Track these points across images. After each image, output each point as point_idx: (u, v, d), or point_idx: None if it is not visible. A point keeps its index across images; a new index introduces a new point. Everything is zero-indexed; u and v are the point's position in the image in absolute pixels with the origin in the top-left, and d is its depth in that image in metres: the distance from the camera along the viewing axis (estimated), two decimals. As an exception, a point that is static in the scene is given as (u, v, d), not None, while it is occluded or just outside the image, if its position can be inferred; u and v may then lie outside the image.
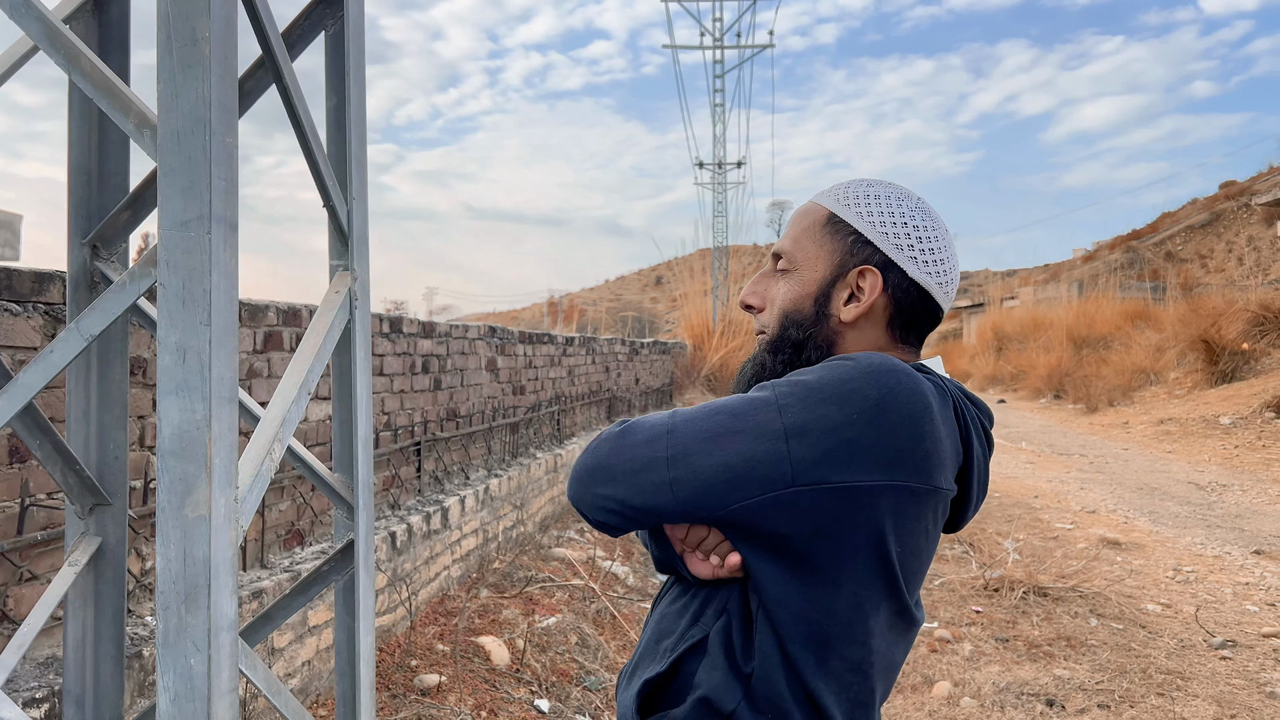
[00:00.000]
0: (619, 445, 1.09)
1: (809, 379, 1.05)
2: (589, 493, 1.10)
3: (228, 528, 1.26)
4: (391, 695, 3.56)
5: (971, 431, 1.14)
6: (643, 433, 1.08)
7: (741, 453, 1.02)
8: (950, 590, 5.86)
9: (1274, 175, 38.28)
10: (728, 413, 1.05)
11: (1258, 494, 9.37)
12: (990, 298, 38.34)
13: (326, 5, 1.66)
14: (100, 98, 1.27)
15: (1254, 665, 4.64)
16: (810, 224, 1.23)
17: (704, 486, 1.03)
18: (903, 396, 1.02)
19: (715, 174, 33.33)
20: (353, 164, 1.66)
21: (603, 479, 1.09)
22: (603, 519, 1.11)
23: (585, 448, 1.15)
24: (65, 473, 1.67)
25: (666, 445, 1.05)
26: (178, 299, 1.22)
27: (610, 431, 1.12)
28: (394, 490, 4.70)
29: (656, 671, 1.13)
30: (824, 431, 1.00)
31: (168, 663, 1.23)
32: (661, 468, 1.04)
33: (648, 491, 1.05)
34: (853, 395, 1.01)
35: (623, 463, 1.07)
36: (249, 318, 3.47)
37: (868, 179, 1.24)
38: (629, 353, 11.57)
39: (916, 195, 1.23)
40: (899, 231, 1.18)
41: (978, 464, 1.15)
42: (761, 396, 1.05)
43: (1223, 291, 20.77)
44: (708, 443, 1.03)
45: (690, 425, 1.06)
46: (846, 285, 1.19)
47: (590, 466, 1.11)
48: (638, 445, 1.07)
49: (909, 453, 1.02)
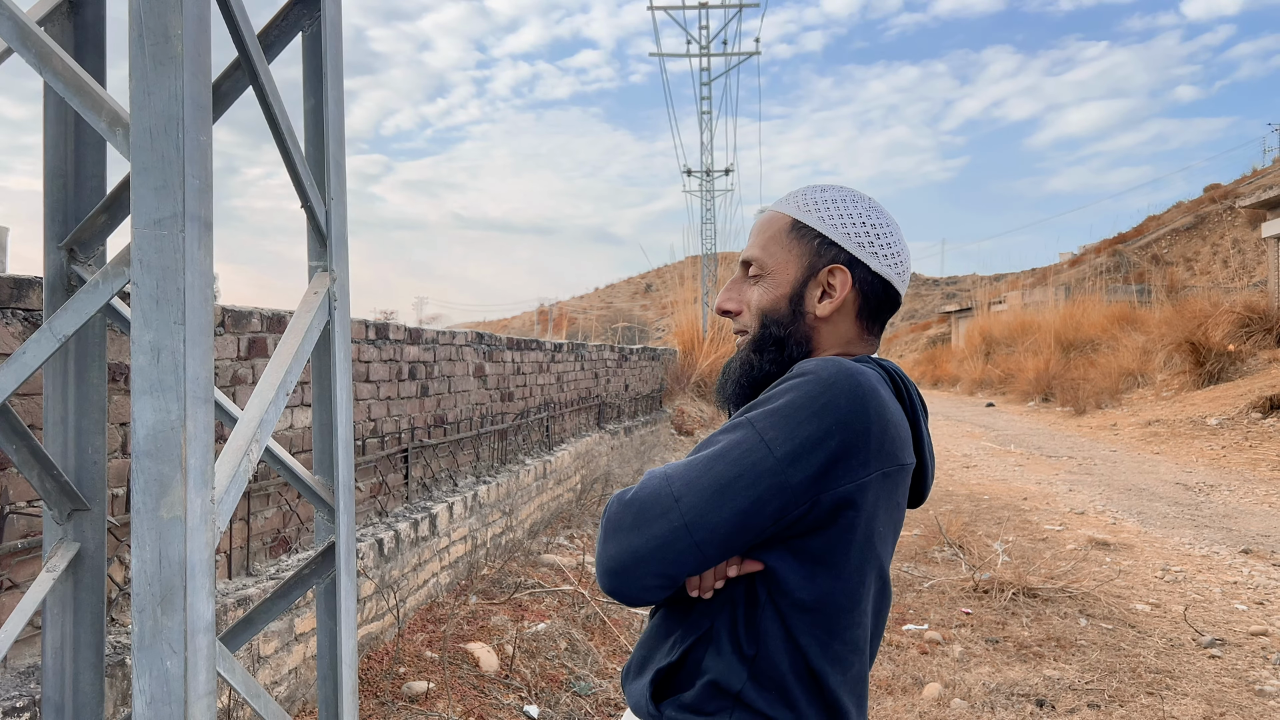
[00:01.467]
0: (637, 530, 1.15)
1: (781, 405, 1.14)
2: (635, 582, 1.17)
3: (204, 529, 1.25)
4: (380, 703, 3.54)
5: (917, 406, 1.28)
6: (653, 508, 1.15)
7: (749, 496, 1.11)
8: (940, 592, 5.86)
9: (1258, 178, 38.55)
10: (723, 462, 1.13)
11: (1245, 494, 9.41)
12: (978, 302, 38.47)
13: (304, 6, 1.66)
14: (72, 96, 1.26)
15: (1242, 664, 4.65)
16: (776, 231, 1.33)
17: (726, 538, 1.13)
18: (864, 397, 1.12)
19: (703, 181, 33.38)
20: (331, 165, 1.65)
21: (634, 565, 1.15)
22: (647, 598, 1.19)
23: (600, 535, 1.22)
24: (43, 478, 1.66)
25: (680, 514, 1.13)
26: (151, 298, 1.21)
27: (617, 516, 1.19)
28: (381, 497, 4.68)
29: (668, 662, 1.23)
30: (811, 450, 1.10)
31: (144, 666, 1.22)
32: (684, 535, 1.13)
33: (679, 561, 1.14)
34: (825, 409, 1.11)
35: (647, 544, 1.14)
36: (233, 324, 3.46)
37: (820, 185, 1.36)
38: (618, 359, 11.56)
39: (867, 196, 1.35)
40: (859, 231, 1.30)
41: (924, 437, 1.29)
42: (746, 437, 1.13)
43: (1208, 294, 20.91)
44: (715, 498, 1.12)
45: (693, 488, 1.14)
46: (819, 284, 1.29)
47: (619, 558, 1.17)
48: (653, 522, 1.14)
49: (881, 443, 1.13)
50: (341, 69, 1.69)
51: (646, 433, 11.71)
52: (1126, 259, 40.82)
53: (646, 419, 12.26)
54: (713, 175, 33.32)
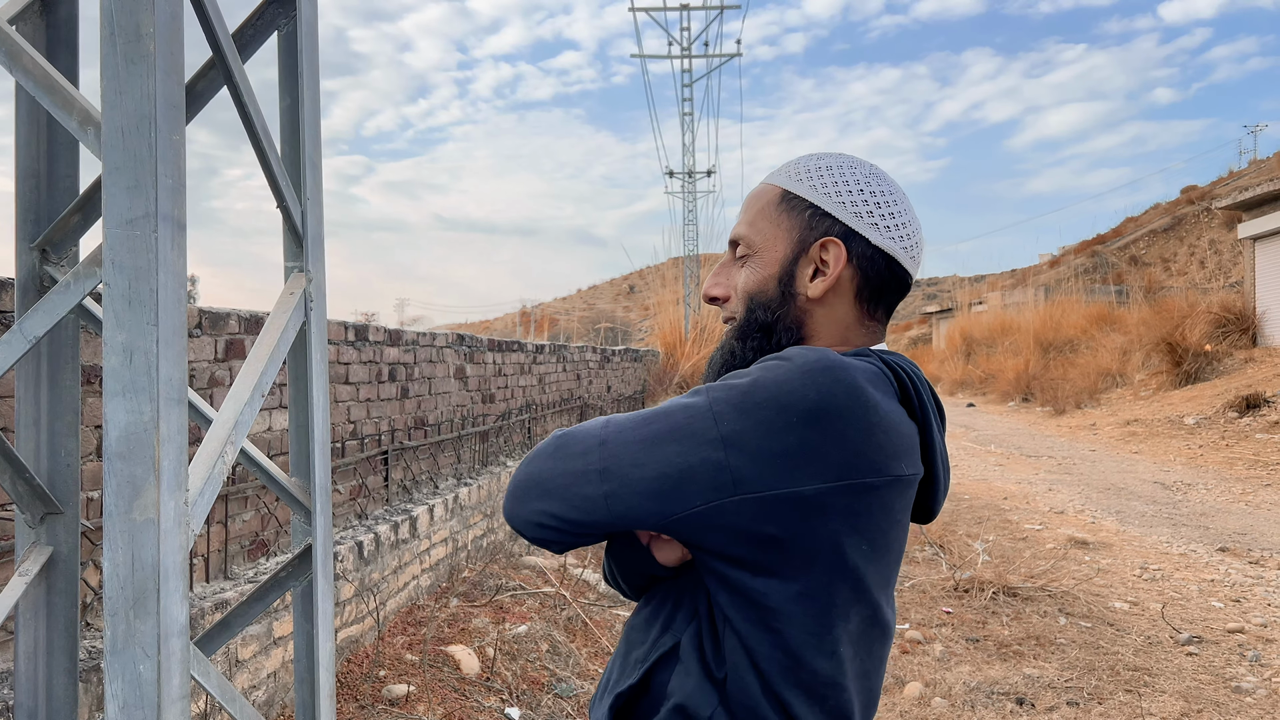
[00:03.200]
0: (552, 459, 1.04)
1: (743, 383, 0.99)
2: (523, 508, 1.05)
3: (177, 531, 1.24)
4: (360, 706, 3.52)
5: (929, 410, 1.10)
6: (576, 444, 1.03)
7: (677, 462, 0.97)
8: (921, 591, 5.88)
9: (1234, 179, 38.98)
10: (662, 420, 1.00)
11: (1222, 492, 9.51)
12: (959, 303, 38.69)
13: (279, 5, 1.65)
14: (42, 95, 1.25)
15: (1219, 660, 4.69)
16: (764, 205, 1.17)
17: (639, 499, 0.99)
18: (841, 395, 0.96)
19: (685, 183, 33.42)
20: (307, 165, 1.64)
21: (536, 494, 1.04)
22: (539, 535, 1.06)
23: (521, 460, 1.10)
24: (15, 481, 1.64)
25: (599, 457, 1.01)
26: (124, 299, 1.20)
27: (545, 444, 1.07)
28: (361, 500, 4.66)
29: (629, 684, 1.08)
30: (762, 438, 0.95)
31: (116, 670, 1.21)
32: (595, 480, 1.00)
33: (581, 506, 1.01)
34: (790, 398, 0.95)
35: (555, 477, 1.03)
36: (210, 325, 3.43)
37: (816, 153, 1.19)
38: (600, 360, 11.55)
39: (869, 162, 1.18)
40: (856, 199, 1.13)
41: (937, 444, 1.11)
42: (696, 402, 1.00)
43: (1186, 294, 21.10)
44: (641, 453, 0.99)
45: (623, 435, 1.01)
46: (810, 261, 1.13)
47: (523, 482, 1.06)
48: (571, 457, 1.03)
49: (860, 448, 0.97)
50: (317, 68, 1.68)
51: (629, 434, 11.69)
52: (1105, 260, 41.17)
53: (629, 420, 12.24)
54: (695, 177, 33.37)
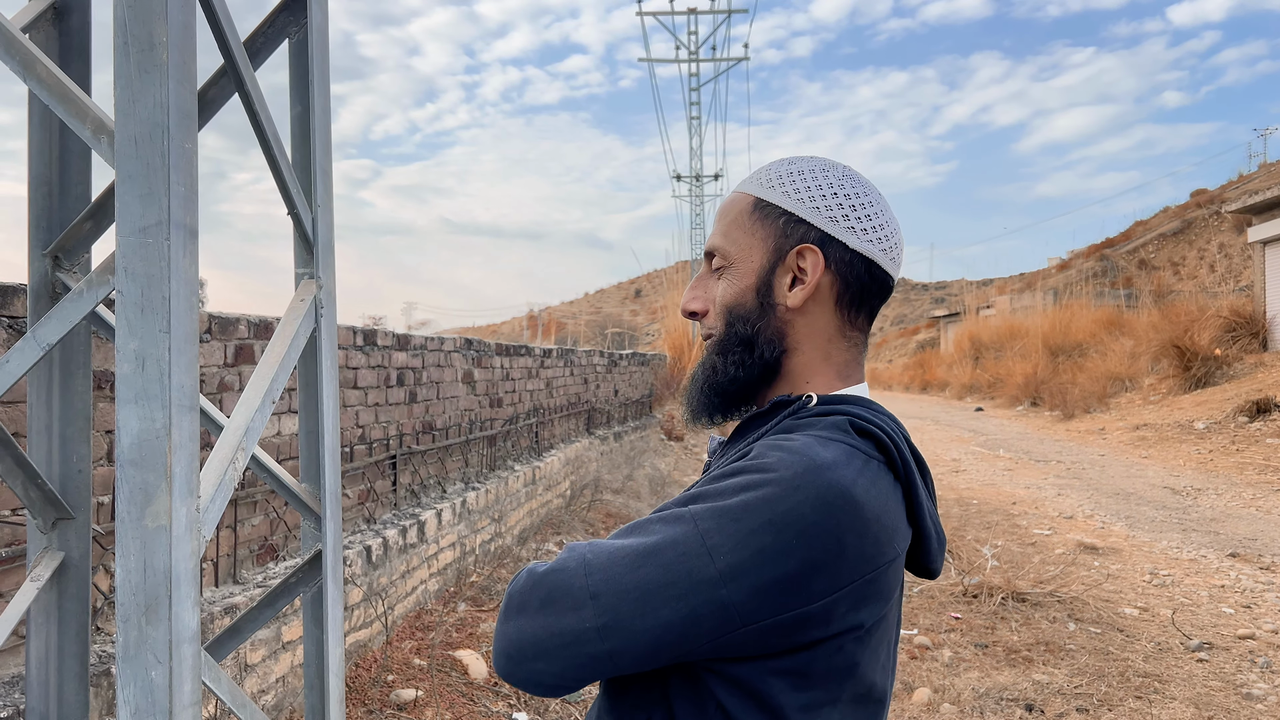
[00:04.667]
0: (542, 616, 0.99)
1: (733, 505, 0.95)
2: (523, 670, 1.01)
3: (189, 538, 1.24)
4: (367, 710, 3.53)
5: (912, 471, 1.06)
6: (565, 597, 0.98)
7: (679, 610, 0.93)
8: (929, 597, 5.87)
9: (1244, 183, 38.83)
10: (653, 564, 0.95)
11: (1232, 497, 9.46)
12: (966, 307, 38.61)
13: (290, 13, 1.65)
14: (56, 104, 1.26)
15: (1230, 667, 4.67)
16: (737, 214, 1.15)
17: (646, 650, 0.96)
18: (836, 503, 0.94)
19: (693, 187, 33.45)
20: (317, 171, 1.65)
21: (533, 656, 0.99)
22: (545, 693, 1.03)
23: (502, 609, 1.05)
24: (27, 487, 1.65)
25: (594, 613, 0.96)
26: (136, 306, 1.20)
27: (526, 592, 1.02)
28: (369, 504, 4.67)
29: None
30: (762, 568, 0.92)
31: (128, 676, 1.21)
32: (595, 639, 0.96)
33: (586, 665, 0.98)
34: (784, 519, 0.92)
35: (551, 638, 0.98)
36: (220, 331, 3.44)
37: (788, 157, 1.16)
38: (608, 364, 11.55)
39: (842, 164, 1.16)
40: (830, 203, 1.11)
41: (924, 504, 1.08)
42: (685, 536, 0.95)
43: (1195, 298, 21.02)
44: (638, 604, 0.95)
45: (614, 584, 0.96)
46: (787, 269, 1.11)
47: (517, 643, 1.01)
48: (563, 613, 0.98)
49: (858, 549, 0.95)
50: (328, 75, 1.69)
51: (636, 438, 11.70)
52: (1114, 264, 41.05)
53: (636, 424, 12.25)
54: (702, 180, 33.40)
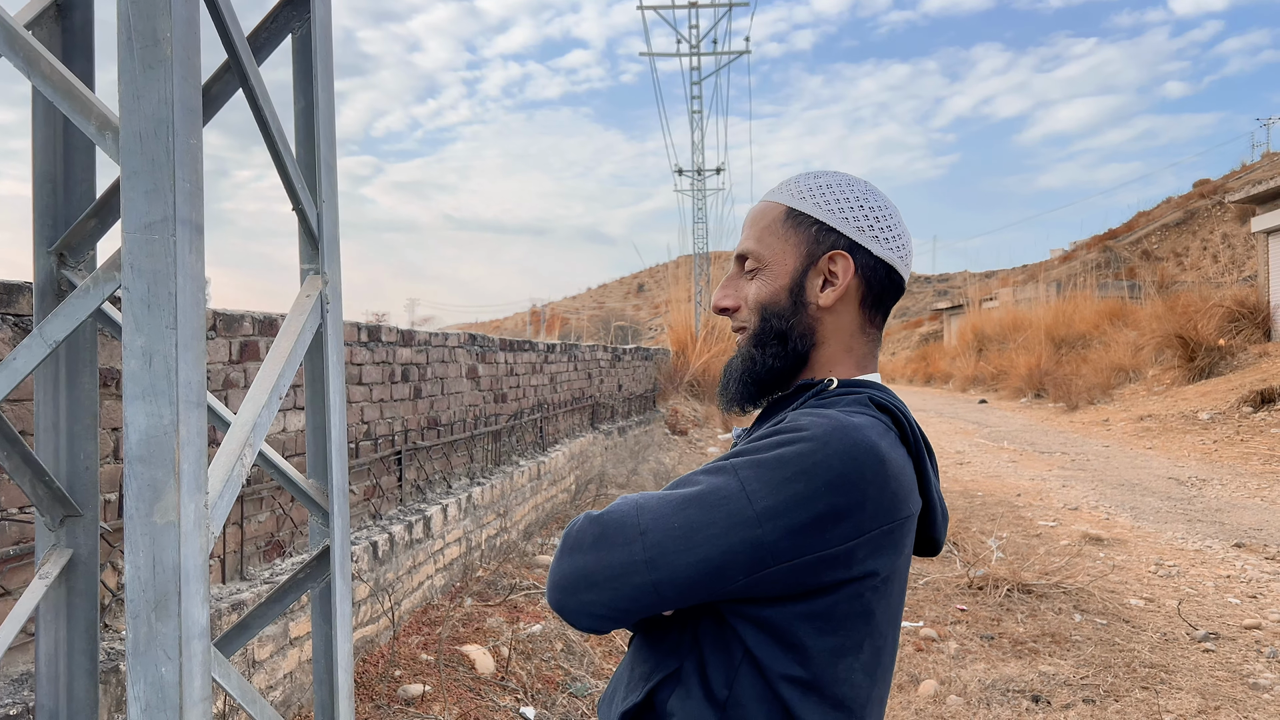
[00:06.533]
0: (595, 551, 1.11)
1: (769, 457, 1.08)
2: (574, 600, 1.13)
3: (198, 534, 1.24)
4: (375, 706, 3.53)
5: (922, 448, 1.20)
6: (617, 534, 1.10)
7: (719, 545, 1.05)
8: (935, 589, 5.87)
9: (1247, 173, 38.72)
10: (697, 505, 1.08)
11: (1237, 488, 9.45)
12: (970, 299, 38.55)
13: (293, 8, 1.65)
14: (60, 100, 1.25)
15: (1236, 657, 4.67)
16: (770, 221, 1.27)
17: (687, 583, 1.07)
18: (860, 456, 1.06)
19: (695, 181, 33.38)
20: (322, 167, 1.64)
21: (585, 586, 1.11)
22: (591, 625, 1.14)
23: (559, 548, 1.17)
24: (35, 484, 1.65)
25: (643, 547, 1.08)
26: (143, 303, 1.20)
27: (581, 533, 1.14)
28: (375, 500, 4.67)
29: (633, 702, 1.16)
30: (794, 510, 1.04)
31: (138, 672, 1.21)
32: (642, 571, 1.08)
33: (632, 595, 1.09)
34: (817, 468, 1.05)
35: (602, 569, 1.10)
36: (224, 328, 3.44)
37: (813, 171, 1.31)
38: (611, 359, 11.55)
39: (862, 179, 1.30)
40: (857, 215, 1.24)
41: (931, 478, 1.22)
42: (726, 484, 1.08)
43: (1199, 288, 20.97)
44: (683, 540, 1.07)
45: (662, 523, 1.08)
46: (819, 272, 1.24)
47: (570, 575, 1.13)
48: (614, 548, 1.10)
49: (878, 501, 1.07)
50: (332, 70, 1.69)
51: (640, 433, 11.70)
52: (1117, 255, 40.97)
53: (640, 419, 12.25)
54: (704, 174, 33.33)
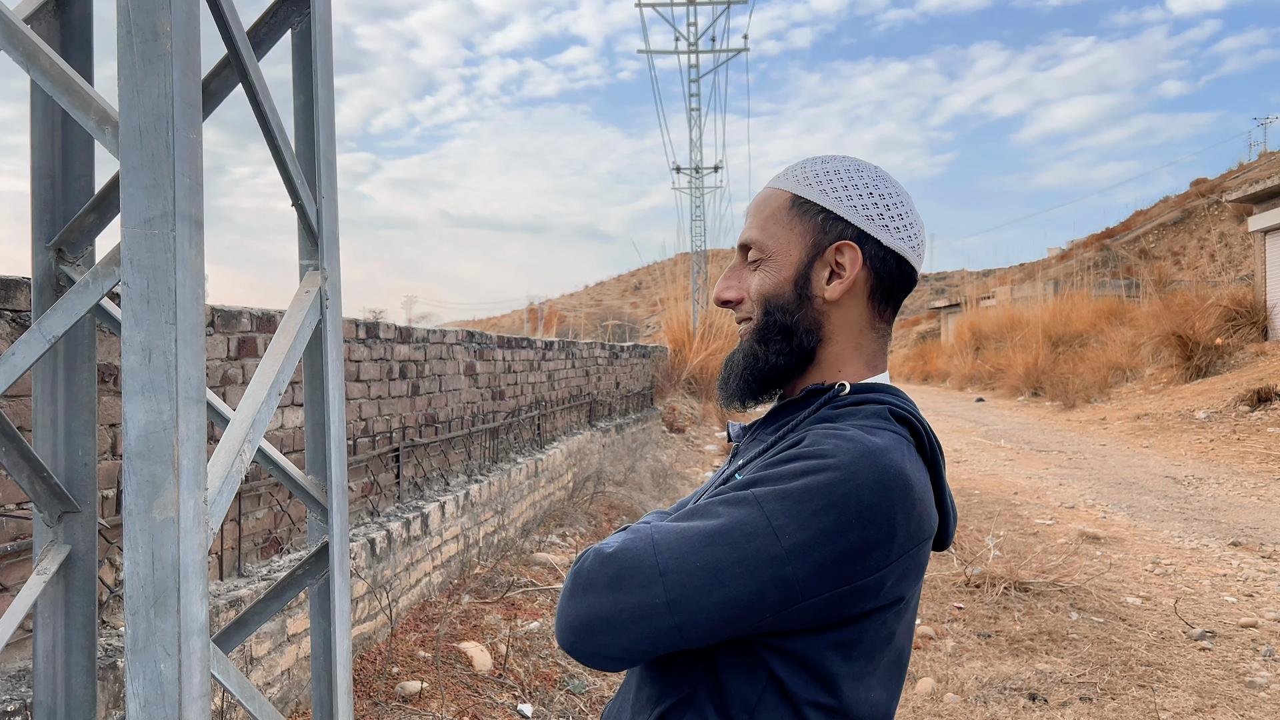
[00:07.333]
0: (612, 593, 1.04)
1: (795, 488, 1.01)
2: (589, 644, 1.06)
3: (197, 530, 1.24)
4: (373, 703, 3.53)
5: (939, 456, 1.16)
6: (634, 575, 1.03)
7: (746, 585, 0.99)
8: (932, 587, 5.88)
9: (1244, 172, 38.78)
10: (721, 542, 1.01)
11: (1234, 486, 9.47)
12: (967, 298, 38.58)
13: (293, 3, 1.64)
14: (59, 95, 1.25)
15: (1233, 655, 4.67)
16: (775, 209, 1.20)
17: (712, 625, 1.01)
18: (891, 485, 1.01)
19: (692, 178, 33.36)
20: (321, 162, 1.64)
21: (602, 630, 1.04)
22: (607, 667, 1.08)
23: (568, 587, 1.09)
24: (33, 480, 1.64)
25: (664, 589, 1.01)
26: (142, 298, 1.20)
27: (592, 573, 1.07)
28: (373, 497, 4.67)
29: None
30: (824, 546, 0.99)
31: (137, 668, 1.21)
32: (664, 614, 1.01)
33: (653, 638, 1.03)
34: (845, 501, 0.99)
35: (619, 613, 1.03)
36: (223, 324, 3.44)
37: (821, 156, 1.21)
38: (609, 357, 11.55)
39: (873, 164, 1.21)
40: (866, 202, 1.16)
41: (946, 486, 1.18)
42: (750, 518, 1.01)
43: (1196, 288, 21.00)
44: (707, 580, 1.00)
45: (683, 563, 1.02)
46: (825, 264, 1.16)
47: (586, 618, 1.05)
48: (631, 590, 1.03)
49: (906, 528, 1.03)
50: (331, 66, 1.68)
51: (638, 430, 11.70)
52: (1114, 254, 41.01)
53: (638, 416, 12.25)
54: (702, 172, 33.31)
